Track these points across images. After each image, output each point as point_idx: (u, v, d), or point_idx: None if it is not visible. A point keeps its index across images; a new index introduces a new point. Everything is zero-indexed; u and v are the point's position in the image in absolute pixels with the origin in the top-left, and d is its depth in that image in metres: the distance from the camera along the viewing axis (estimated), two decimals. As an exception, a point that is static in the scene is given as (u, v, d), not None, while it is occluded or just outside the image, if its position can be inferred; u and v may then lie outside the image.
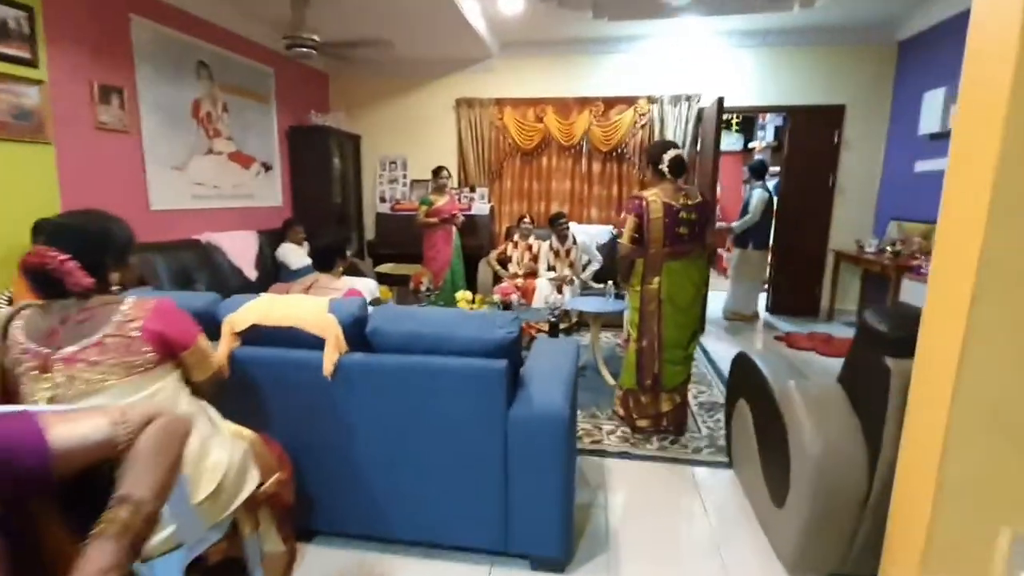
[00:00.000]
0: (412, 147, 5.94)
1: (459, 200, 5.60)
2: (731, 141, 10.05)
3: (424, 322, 1.77)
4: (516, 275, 4.89)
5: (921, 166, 4.58)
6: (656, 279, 2.63)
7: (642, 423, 2.80)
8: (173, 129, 3.95)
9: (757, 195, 4.78)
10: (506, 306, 3.73)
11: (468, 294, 3.79)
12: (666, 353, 2.70)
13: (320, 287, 2.33)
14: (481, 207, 5.61)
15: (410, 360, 1.71)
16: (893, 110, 5.08)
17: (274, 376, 1.78)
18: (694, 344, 2.77)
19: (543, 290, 4.62)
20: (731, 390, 2.42)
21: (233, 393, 1.71)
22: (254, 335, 1.79)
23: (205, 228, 4.17)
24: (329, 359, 1.70)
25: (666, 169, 2.61)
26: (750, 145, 9.35)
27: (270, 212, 5.00)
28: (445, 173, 5.01)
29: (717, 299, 5.40)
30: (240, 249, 4.25)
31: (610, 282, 3.68)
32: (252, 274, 4.27)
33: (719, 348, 4.35)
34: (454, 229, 5.04)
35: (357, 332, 1.76)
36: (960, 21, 4.20)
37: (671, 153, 2.62)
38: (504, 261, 5.06)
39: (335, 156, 5.54)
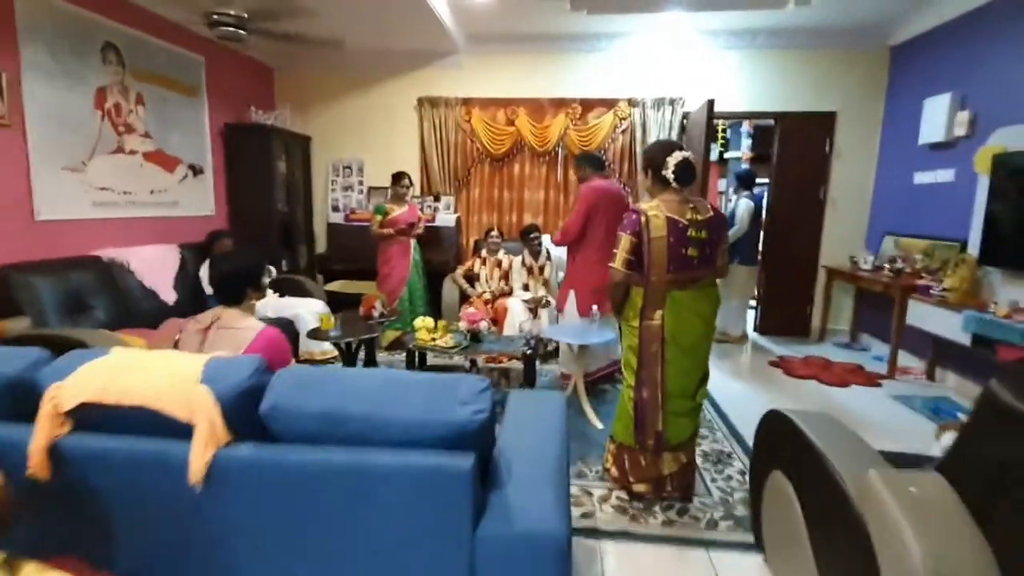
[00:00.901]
0: (369, 150, 5.33)
1: (422, 210, 5.02)
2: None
3: (350, 394, 1.19)
4: (485, 294, 4.33)
5: (921, 178, 4.26)
6: (658, 313, 2.11)
7: (640, 487, 2.27)
8: (69, 123, 3.26)
9: (743, 205, 4.38)
10: (474, 336, 3.16)
11: (429, 321, 3.21)
12: (670, 404, 2.18)
13: (222, 328, 1.73)
14: (446, 218, 5.05)
15: (327, 456, 1.14)
16: (886, 118, 4.78)
17: (118, 481, 1.17)
18: (703, 391, 2.25)
19: (516, 314, 4.08)
20: (760, 457, 1.91)
21: (53, 508, 1.10)
22: (91, 415, 1.18)
23: (110, 242, 3.47)
24: (199, 456, 1.11)
25: (671, 176, 2.09)
26: (726, 155, 9.12)
27: (200, 223, 4.31)
28: (407, 182, 4.43)
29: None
30: (154, 267, 3.56)
31: (594, 306, 3.16)
32: (170, 297, 3.58)
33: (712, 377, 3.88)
34: (413, 242, 4.47)
35: (246, 411, 1.18)
36: (963, 24, 3.90)
37: (677, 156, 2.09)
38: (472, 278, 4.50)
39: (280, 159, 4.89)
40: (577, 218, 3.35)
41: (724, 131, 6.12)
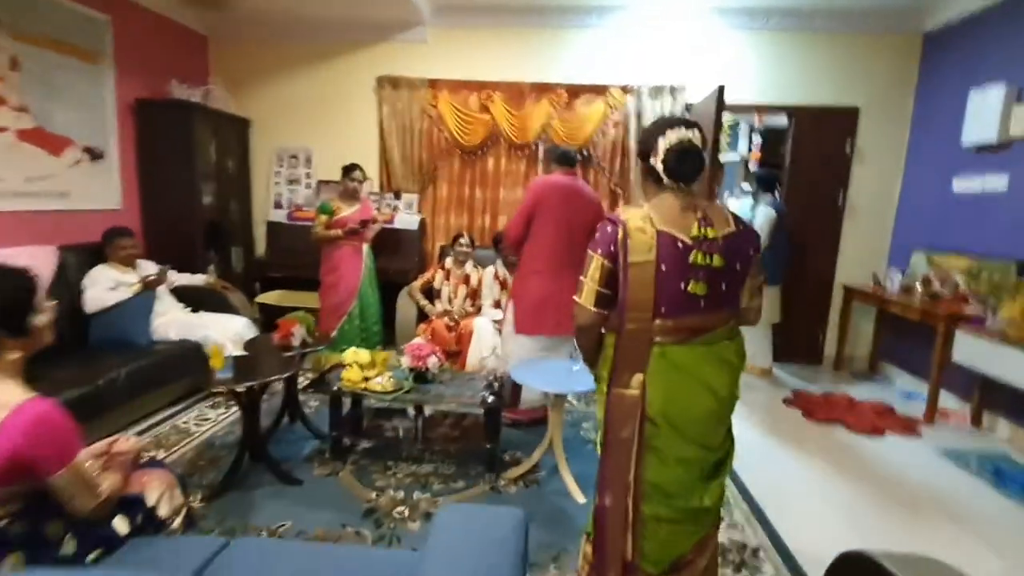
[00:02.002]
0: (320, 138, 4.56)
1: (378, 209, 4.28)
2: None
3: None
4: (448, 313, 3.60)
5: (963, 185, 3.63)
6: (637, 379, 1.38)
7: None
8: None
9: (764, 214, 3.72)
10: (419, 376, 2.44)
11: (362, 354, 2.47)
12: (655, 508, 1.42)
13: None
14: (408, 219, 4.31)
15: None
16: (917, 115, 4.16)
17: None
18: (717, 487, 1.46)
19: (485, 338, 3.36)
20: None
21: None
22: None
23: (-49, 242, 2.68)
24: None
25: (660, 167, 1.39)
26: (723, 158, 8.45)
27: (100, 218, 3.50)
28: (359, 174, 3.69)
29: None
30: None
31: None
32: (34, 314, 2.78)
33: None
34: (365, 246, 3.73)
35: None
36: (1017, 3, 3.27)
37: (672, 136, 1.38)
38: (432, 292, 3.77)
39: (209, 144, 4.11)
40: (517, 216, 2.79)
41: (732, 126, 5.46)
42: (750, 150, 8.30)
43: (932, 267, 3.74)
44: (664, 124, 1.42)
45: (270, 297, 3.93)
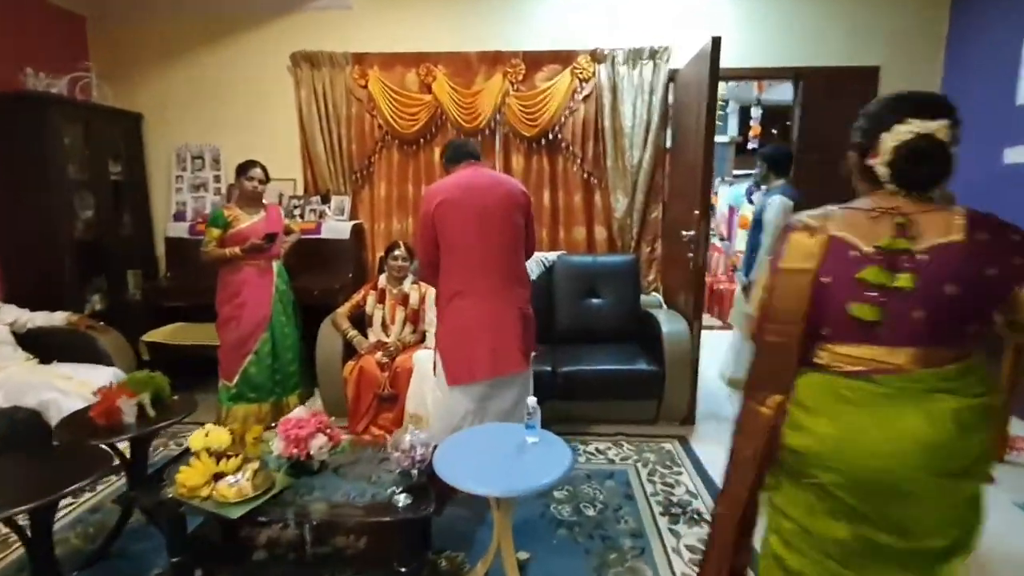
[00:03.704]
0: (228, 133, 3.75)
1: (295, 216, 3.50)
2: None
3: None
4: (383, 347, 2.82)
5: (1019, 155, 2.91)
6: (773, 400, 1.07)
7: None
8: None
9: (778, 203, 2.98)
10: (298, 466, 1.66)
11: (218, 435, 1.68)
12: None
13: None
14: (337, 226, 3.51)
15: None
16: (949, 72, 3.43)
17: None
18: None
19: (427, 376, 2.59)
20: None
21: None
22: None
23: None
24: None
25: (885, 170, 1.01)
26: (724, 138, 7.71)
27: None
28: (258, 173, 2.90)
29: (714, 352, 3.50)
30: None
31: (531, 399, 1.71)
32: None
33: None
34: (276, 265, 2.95)
35: None
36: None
37: (906, 130, 0.99)
38: (362, 318, 2.98)
39: (83, 147, 3.30)
40: (417, 241, 2.22)
41: (723, 104, 4.70)
42: (740, 131, 7.60)
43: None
44: (894, 108, 1.02)
45: (160, 334, 3.13)
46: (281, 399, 2.96)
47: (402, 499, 1.57)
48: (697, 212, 2.78)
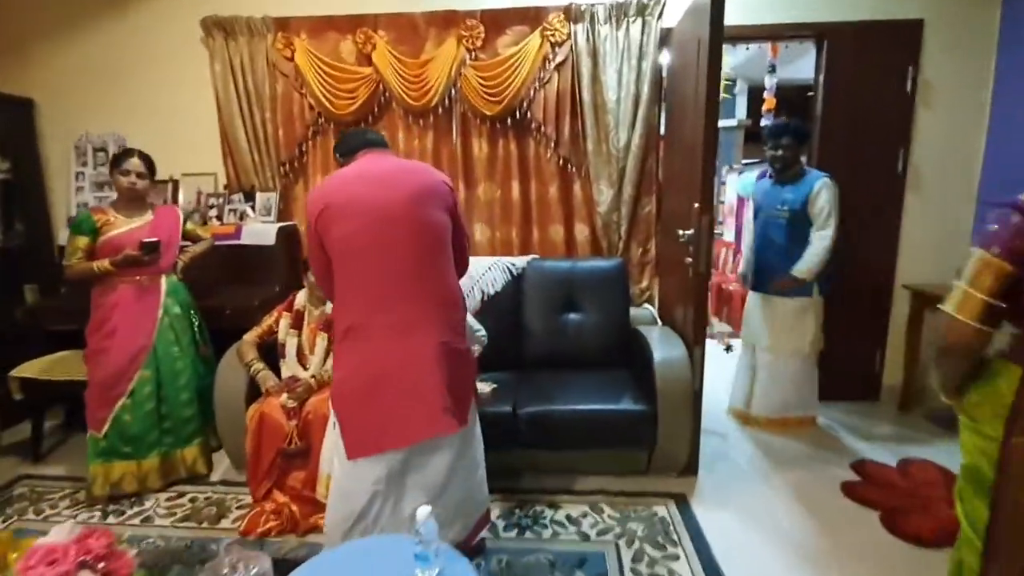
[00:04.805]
0: (136, 119, 3.14)
1: (215, 220, 2.91)
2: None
3: None
4: (291, 387, 2.20)
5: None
6: None
7: None
8: None
9: (824, 187, 2.44)
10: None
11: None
12: None
13: None
14: (260, 230, 2.89)
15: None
16: (1005, 29, 2.76)
17: None
18: None
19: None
20: None
21: None
22: None
23: None
24: None
25: None
26: (731, 121, 7.02)
27: None
28: (135, 163, 2.30)
29: (721, 371, 2.85)
30: None
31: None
32: None
33: (759, 525, 1.85)
34: (164, 281, 2.35)
35: None
36: None
37: None
38: (273, 346, 2.37)
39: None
40: (308, 255, 1.58)
41: (730, 83, 4.04)
42: (749, 115, 6.89)
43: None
44: None
45: (34, 367, 2.53)
46: (172, 453, 2.36)
47: None
48: (697, 205, 2.15)
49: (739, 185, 4.92)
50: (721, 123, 6.35)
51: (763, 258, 2.72)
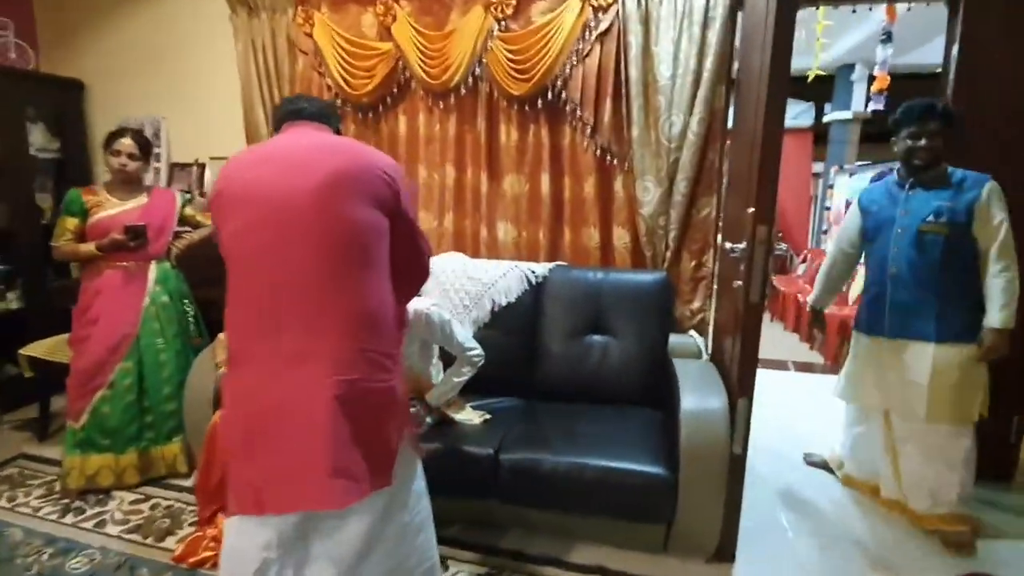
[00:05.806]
0: (172, 102, 3.11)
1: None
2: (796, 111, 6.78)
3: None
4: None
5: None
6: None
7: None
8: None
9: (991, 192, 1.80)
10: None
11: None
12: None
13: None
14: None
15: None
16: None
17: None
18: None
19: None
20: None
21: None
22: None
23: None
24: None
25: None
26: (827, 117, 6.20)
27: None
28: (127, 143, 2.19)
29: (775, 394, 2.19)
30: None
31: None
32: None
33: None
34: (153, 267, 2.22)
35: None
36: None
37: None
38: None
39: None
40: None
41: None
42: (866, 106, 5.87)
43: None
44: None
45: (39, 348, 2.54)
46: (150, 448, 2.22)
47: None
48: (751, 211, 1.61)
49: (850, 190, 4.06)
50: (835, 115, 5.47)
51: (899, 290, 1.98)
